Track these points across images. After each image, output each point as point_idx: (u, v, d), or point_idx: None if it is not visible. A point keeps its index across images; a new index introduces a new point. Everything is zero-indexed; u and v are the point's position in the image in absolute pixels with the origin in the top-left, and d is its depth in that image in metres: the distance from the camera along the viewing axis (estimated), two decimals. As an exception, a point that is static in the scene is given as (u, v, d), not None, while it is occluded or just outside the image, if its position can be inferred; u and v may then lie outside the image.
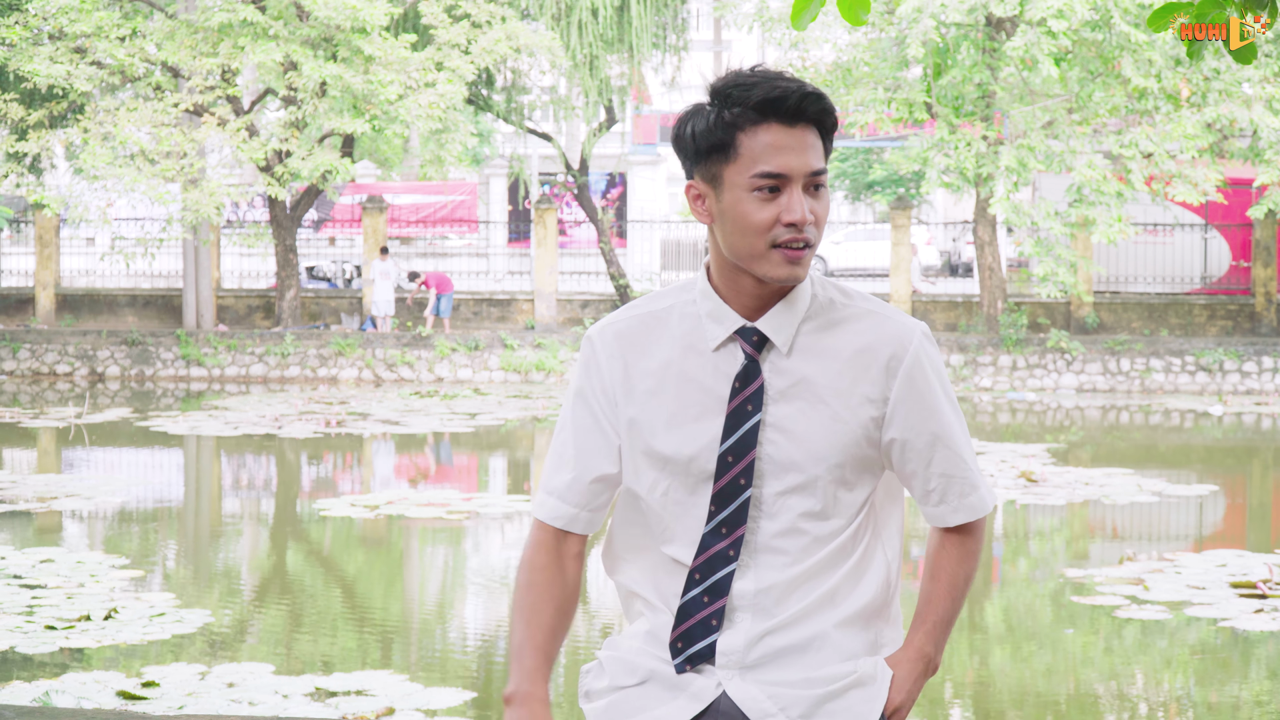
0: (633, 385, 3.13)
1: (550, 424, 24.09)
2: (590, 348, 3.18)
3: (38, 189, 31.26)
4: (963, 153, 28.83)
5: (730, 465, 3.05)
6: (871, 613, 3.13)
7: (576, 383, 3.21)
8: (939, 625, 3.17)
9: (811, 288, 3.12)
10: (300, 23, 30.15)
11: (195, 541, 15.17)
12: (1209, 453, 22.60)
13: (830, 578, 3.09)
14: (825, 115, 3.03)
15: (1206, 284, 34.30)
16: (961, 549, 3.18)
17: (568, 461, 3.20)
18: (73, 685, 9.03)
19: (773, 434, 3.06)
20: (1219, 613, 11.33)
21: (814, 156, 3.02)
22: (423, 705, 8.88)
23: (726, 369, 3.08)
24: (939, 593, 3.17)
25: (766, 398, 3.06)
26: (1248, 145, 30.08)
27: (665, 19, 34.80)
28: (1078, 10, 26.58)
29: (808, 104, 3.01)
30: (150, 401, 27.39)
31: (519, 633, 3.17)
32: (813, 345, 3.08)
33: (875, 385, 3.07)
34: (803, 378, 3.07)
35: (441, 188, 40.81)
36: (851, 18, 4.36)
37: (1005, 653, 10.81)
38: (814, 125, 3.03)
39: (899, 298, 32.40)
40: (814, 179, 3.02)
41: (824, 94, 3.03)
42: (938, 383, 3.12)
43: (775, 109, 3.00)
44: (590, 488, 3.18)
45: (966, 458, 3.16)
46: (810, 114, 3.01)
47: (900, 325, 3.10)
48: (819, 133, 3.04)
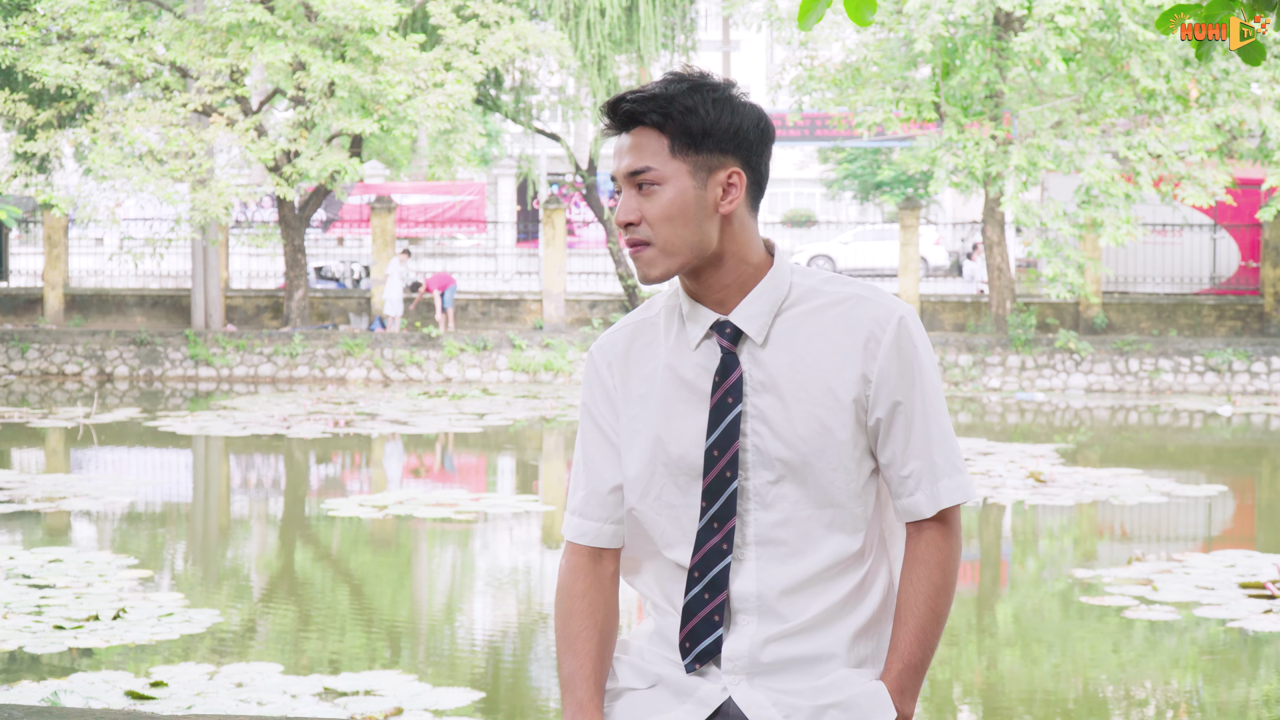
0: (630, 391, 3.17)
1: (558, 424, 24.12)
2: (592, 362, 3.23)
3: (46, 189, 31.32)
4: (971, 152, 28.81)
5: (716, 459, 3.07)
6: (874, 622, 3.14)
7: (583, 397, 3.25)
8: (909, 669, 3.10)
9: (790, 277, 3.12)
10: (309, 23, 30.17)
11: (204, 541, 15.17)
12: (1218, 453, 22.57)
13: (839, 589, 3.10)
14: (641, 115, 3.04)
15: (1215, 284, 34.27)
16: (940, 547, 3.11)
17: (581, 478, 3.23)
18: (81, 685, 9.03)
19: (756, 425, 3.07)
20: (1228, 613, 11.32)
21: (634, 157, 3.04)
22: (431, 705, 8.88)
23: (708, 364, 3.10)
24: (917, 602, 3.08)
25: (747, 389, 3.07)
26: (1256, 146, 30.05)
27: (674, 19, 34.82)
28: (1086, 7, 26.55)
29: (624, 106, 3.04)
30: (159, 401, 27.41)
31: (567, 664, 3.16)
32: (791, 333, 3.09)
33: (855, 367, 3.06)
34: (783, 366, 3.07)
35: (450, 188, 40.80)
36: (857, 18, 4.35)
37: (1014, 653, 10.80)
38: (645, 125, 3.04)
39: (907, 298, 32.38)
40: (636, 178, 3.04)
41: (647, 94, 3.03)
42: (917, 364, 3.09)
43: (609, 117, 3.07)
44: (608, 499, 3.20)
45: (948, 440, 3.12)
46: (629, 115, 3.04)
47: (880, 305, 3.08)
48: (657, 131, 3.04)
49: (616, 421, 3.18)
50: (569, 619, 3.18)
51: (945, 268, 47.35)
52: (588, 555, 3.21)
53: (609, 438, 3.19)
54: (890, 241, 42.45)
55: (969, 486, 3.14)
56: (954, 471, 3.11)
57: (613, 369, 3.19)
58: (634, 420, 3.15)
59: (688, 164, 3.03)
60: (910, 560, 3.12)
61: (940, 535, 3.11)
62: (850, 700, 3.05)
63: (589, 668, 3.14)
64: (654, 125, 3.03)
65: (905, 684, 3.08)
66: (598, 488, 3.20)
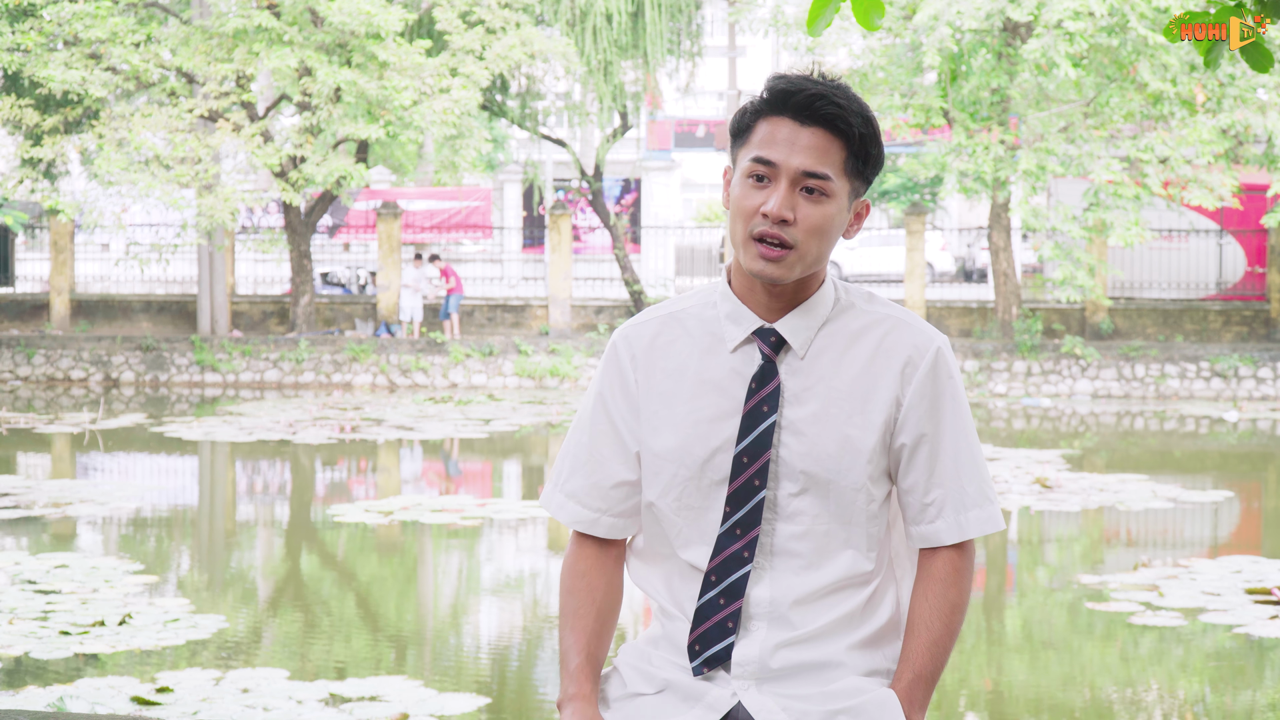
0: (653, 386, 3.15)
1: (564, 429, 24.08)
2: (614, 351, 3.20)
3: (53, 195, 31.32)
4: (980, 157, 28.81)
5: (745, 466, 3.06)
6: (881, 636, 3.14)
7: (598, 384, 3.22)
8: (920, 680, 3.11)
9: (834, 293, 3.13)
10: (315, 29, 30.18)
11: (209, 547, 15.17)
12: (1224, 459, 22.55)
13: (848, 603, 3.10)
14: (840, 120, 3.01)
15: (1222, 290, 34.25)
16: (957, 566, 3.12)
17: (583, 465, 3.22)
18: (87, 690, 9.04)
19: (787, 436, 3.07)
20: (1234, 619, 11.31)
21: (813, 158, 3.01)
22: (436, 711, 8.88)
23: (743, 370, 3.09)
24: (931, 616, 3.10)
25: (782, 400, 3.07)
26: (1263, 151, 30.02)
27: (680, 25, 34.80)
28: (1095, 12, 26.54)
29: (820, 104, 3.01)
30: (165, 407, 27.42)
31: (564, 640, 3.22)
32: (830, 349, 3.09)
33: (890, 389, 3.07)
34: (819, 380, 3.08)
35: (456, 193, 40.78)
36: (865, 22, 4.35)
37: (1020, 660, 10.79)
38: (831, 131, 3.02)
39: (913, 304, 32.36)
40: (806, 179, 3.02)
41: (845, 100, 3.01)
42: (950, 393, 3.10)
43: (786, 102, 3.02)
44: (611, 493, 3.20)
45: (980, 470, 3.13)
46: (821, 114, 3.01)
47: (920, 332, 3.10)
48: (841, 142, 3.03)
49: (632, 417, 3.17)
50: (570, 596, 3.23)
51: (951, 273, 47.34)
52: (592, 539, 3.24)
53: (620, 432, 3.18)
54: (896, 247, 42.44)
55: (998, 517, 3.14)
56: (985, 502, 3.12)
57: (636, 361, 3.17)
58: (656, 416, 3.13)
59: (849, 185, 3.06)
60: (925, 578, 3.12)
61: (957, 555, 3.13)
62: (860, 707, 3.04)
63: (582, 642, 3.19)
64: (840, 134, 3.03)
65: (915, 695, 3.09)
66: (601, 480, 3.20)
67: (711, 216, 58.27)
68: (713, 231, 48.77)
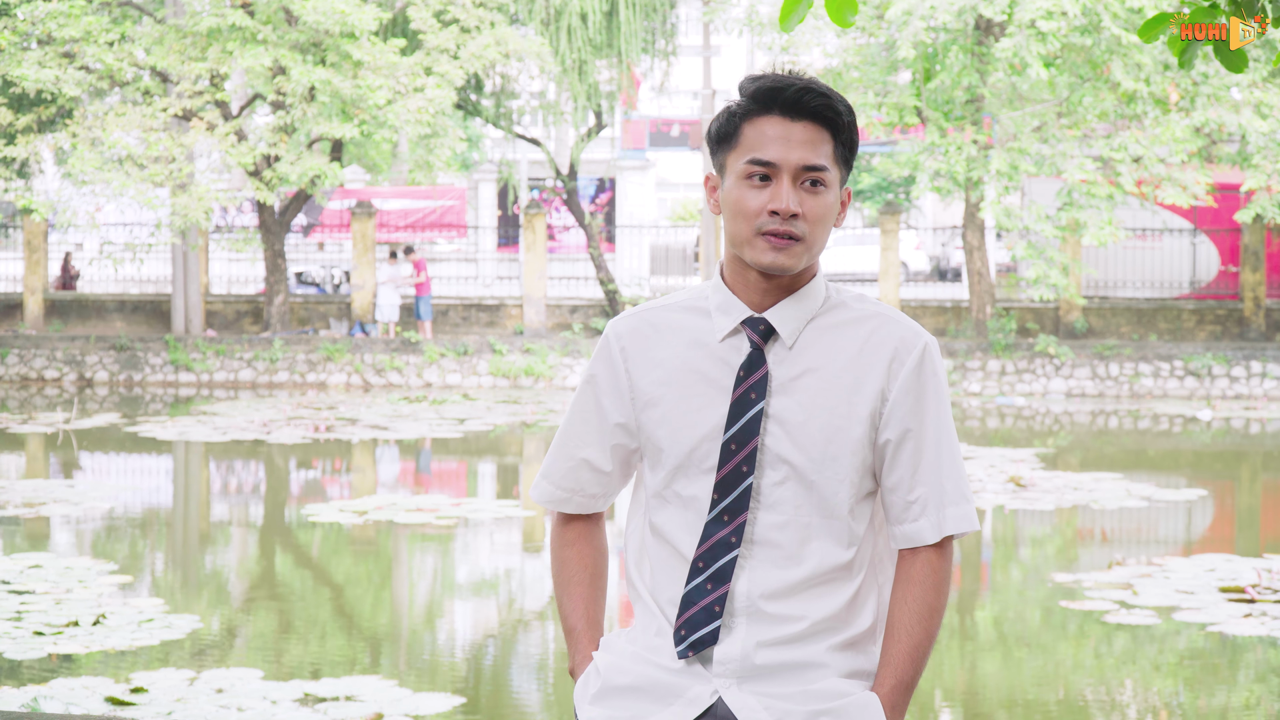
0: (644, 375, 3.19)
1: (539, 429, 24.10)
2: (606, 343, 3.25)
3: (26, 194, 31.20)
4: (953, 157, 28.86)
5: (733, 453, 3.10)
6: (863, 639, 3.16)
7: (589, 369, 3.29)
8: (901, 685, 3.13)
9: (825, 290, 3.16)
10: (289, 28, 30.12)
11: (184, 547, 15.15)
12: (1197, 457, 22.62)
13: (829, 603, 3.11)
14: (828, 111, 3.07)
15: (1195, 289, 34.34)
16: (935, 568, 3.14)
17: (561, 449, 3.32)
18: (61, 691, 9.01)
19: (773, 425, 3.10)
20: (1208, 617, 11.34)
21: (809, 151, 3.07)
22: (411, 711, 8.88)
23: (732, 360, 3.14)
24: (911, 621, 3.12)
25: (770, 388, 3.11)
26: (1236, 150, 30.10)
27: (654, 24, 34.80)
28: (1068, 12, 26.60)
29: (808, 98, 3.06)
30: (139, 407, 27.35)
31: (565, 608, 3.33)
32: (819, 341, 3.13)
33: (876, 382, 3.11)
34: (806, 371, 3.11)
35: (430, 193, 40.75)
36: (839, 19, 4.36)
37: (994, 658, 10.82)
38: (819, 123, 3.08)
39: (887, 303, 32.31)
40: (807, 174, 3.07)
41: (830, 93, 3.07)
42: (935, 390, 3.14)
43: (774, 100, 3.07)
44: (574, 472, 3.29)
45: (958, 468, 3.16)
46: (811, 108, 3.06)
47: (908, 329, 3.14)
48: (829, 133, 3.08)
49: (615, 409, 3.23)
50: (562, 567, 3.34)
51: (926, 272, 47.42)
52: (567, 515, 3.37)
53: (601, 417, 3.25)
54: (871, 246, 42.49)
55: (974, 516, 3.18)
56: (962, 500, 3.15)
57: (626, 353, 3.22)
58: (650, 407, 3.18)
59: (839, 174, 3.13)
60: (904, 581, 3.15)
61: (936, 557, 3.15)
62: (843, 709, 3.07)
63: (582, 608, 3.30)
64: (828, 126, 3.09)
65: (897, 700, 3.12)
66: (570, 458, 3.30)
67: (686, 216, 58.28)
68: (687, 231, 48.81)
